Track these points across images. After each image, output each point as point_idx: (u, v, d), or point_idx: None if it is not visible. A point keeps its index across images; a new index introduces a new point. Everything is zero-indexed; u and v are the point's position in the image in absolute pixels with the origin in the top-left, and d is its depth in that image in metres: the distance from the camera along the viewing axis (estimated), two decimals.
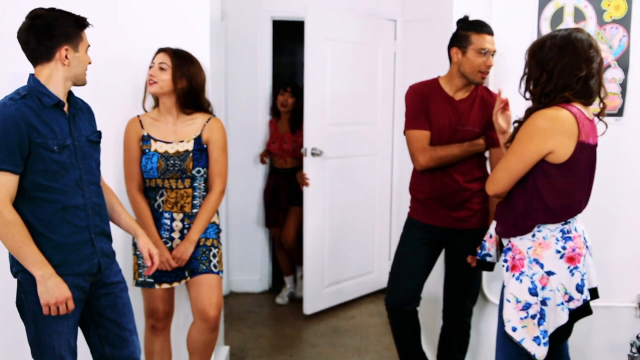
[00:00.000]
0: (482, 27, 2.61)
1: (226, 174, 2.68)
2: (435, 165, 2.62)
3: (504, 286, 2.19)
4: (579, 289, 2.11)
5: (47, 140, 1.99)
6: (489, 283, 3.00)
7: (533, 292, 2.10)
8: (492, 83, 2.84)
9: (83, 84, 2.14)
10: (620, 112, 2.94)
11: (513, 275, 2.13)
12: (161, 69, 2.58)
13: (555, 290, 2.09)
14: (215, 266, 2.67)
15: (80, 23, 2.07)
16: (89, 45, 2.12)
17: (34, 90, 2.02)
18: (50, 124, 2.01)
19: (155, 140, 2.62)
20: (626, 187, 2.99)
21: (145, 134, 2.62)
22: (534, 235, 2.12)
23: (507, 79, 2.69)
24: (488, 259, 2.39)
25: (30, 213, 1.99)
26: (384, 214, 4.57)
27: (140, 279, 2.66)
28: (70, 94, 2.13)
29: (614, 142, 2.90)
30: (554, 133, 2.01)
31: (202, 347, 2.68)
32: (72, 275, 2.06)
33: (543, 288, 2.10)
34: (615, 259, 3.04)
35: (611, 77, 2.91)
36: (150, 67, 2.61)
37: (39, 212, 2.00)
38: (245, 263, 4.59)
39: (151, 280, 2.63)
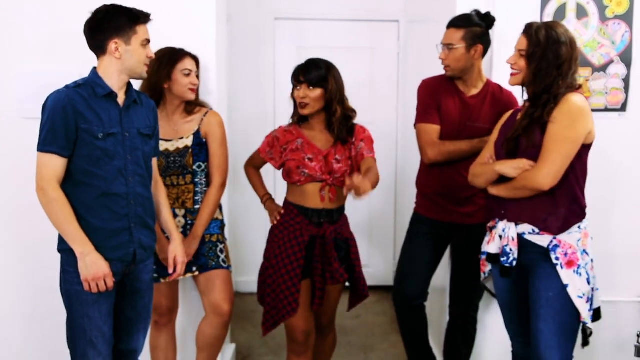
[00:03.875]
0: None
1: (226, 167, 2.70)
2: (443, 159, 2.64)
3: (546, 283, 2.18)
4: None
5: (92, 127, 2.08)
6: None
7: (589, 281, 2.18)
8: (496, 79, 2.87)
9: (140, 77, 2.20)
10: (623, 107, 2.96)
11: (574, 272, 2.16)
12: (196, 76, 2.65)
13: (594, 276, 2.23)
14: (224, 261, 2.70)
15: (134, 17, 2.13)
16: (146, 40, 2.15)
17: (91, 80, 2.14)
18: (98, 112, 2.10)
19: None
20: (630, 181, 3.01)
21: None
22: (579, 227, 2.19)
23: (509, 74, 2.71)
24: (515, 263, 2.25)
25: (74, 196, 2.09)
26: (384, 212, 4.58)
27: None
28: (129, 87, 2.21)
29: (617, 136, 2.93)
30: (588, 113, 2.14)
31: (212, 342, 2.70)
32: (107, 260, 2.11)
33: (594, 277, 2.21)
34: (619, 254, 3.05)
35: (614, 72, 2.93)
36: (187, 74, 2.60)
37: (81, 195, 2.10)
38: (250, 264, 4.59)
39: (156, 275, 2.66)
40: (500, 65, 2.89)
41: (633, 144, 2.99)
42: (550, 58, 2.15)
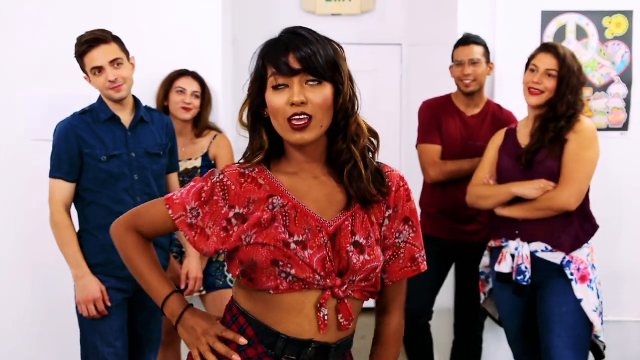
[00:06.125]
0: (459, 41, 2.74)
1: None
2: (445, 178, 2.67)
3: (559, 298, 2.20)
4: None
5: (94, 150, 2.15)
6: None
7: (598, 295, 2.22)
8: (498, 99, 2.90)
9: (112, 99, 2.21)
10: (625, 127, 2.99)
11: (588, 286, 2.19)
12: (196, 97, 2.68)
13: (601, 290, 2.25)
14: (231, 281, 2.71)
15: (77, 51, 2.18)
16: (95, 67, 2.16)
17: (95, 106, 2.23)
18: (102, 136, 2.17)
19: None
20: (633, 200, 3.02)
21: None
22: (587, 242, 2.23)
23: (512, 95, 2.74)
24: (530, 281, 2.25)
25: (85, 214, 2.18)
26: None
27: None
28: (137, 108, 2.26)
29: (620, 155, 2.95)
30: (597, 134, 2.23)
31: None
32: (114, 278, 2.16)
33: (601, 290, 2.24)
34: (625, 273, 3.04)
35: (615, 92, 2.97)
36: (180, 92, 2.65)
37: (91, 214, 2.17)
38: None
39: None
40: (503, 84, 2.95)
41: (636, 162, 3.01)
42: (581, 79, 2.23)
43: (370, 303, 1.34)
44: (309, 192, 1.25)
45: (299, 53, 1.18)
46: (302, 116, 1.17)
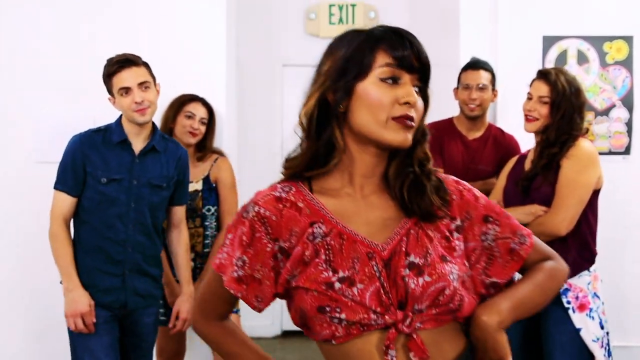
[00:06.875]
0: (468, 65, 2.76)
1: (236, 212, 2.71)
2: None
3: (559, 327, 2.17)
4: None
5: (96, 171, 2.16)
6: None
7: (602, 325, 2.17)
8: (500, 122, 2.92)
9: (135, 122, 2.19)
10: (627, 151, 3.00)
11: (587, 315, 2.15)
12: (203, 123, 2.69)
13: (606, 320, 2.20)
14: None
15: (105, 71, 2.19)
16: (122, 88, 2.15)
17: (110, 127, 2.24)
18: (108, 158, 2.17)
19: None
20: (636, 224, 3.02)
21: None
22: (588, 270, 2.19)
23: (513, 119, 2.76)
24: None
25: (79, 233, 2.19)
26: None
27: None
28: (153, 134, 2.25)
29: (623, 180, 2.95)
30: (597, 158, 2.20)
31: None
32: (98, 304, 2.15)
33: (606, 321, 2.19)
34: (631, 298, 3.03)
35: (616, 116, 2.99)
36: (189, 117, 2.66)
37: (84, 234, 2.19)
38: None
39: (164, 318, 2.66)
40: (506, 110, 2.96)
41: (639, 186, 3.01)
42: (575, 104, 2.19)
43: None
44: (357, 214, 1.08)
45: (421, 53, 1.06)
46: (412, 115, 1.04)
